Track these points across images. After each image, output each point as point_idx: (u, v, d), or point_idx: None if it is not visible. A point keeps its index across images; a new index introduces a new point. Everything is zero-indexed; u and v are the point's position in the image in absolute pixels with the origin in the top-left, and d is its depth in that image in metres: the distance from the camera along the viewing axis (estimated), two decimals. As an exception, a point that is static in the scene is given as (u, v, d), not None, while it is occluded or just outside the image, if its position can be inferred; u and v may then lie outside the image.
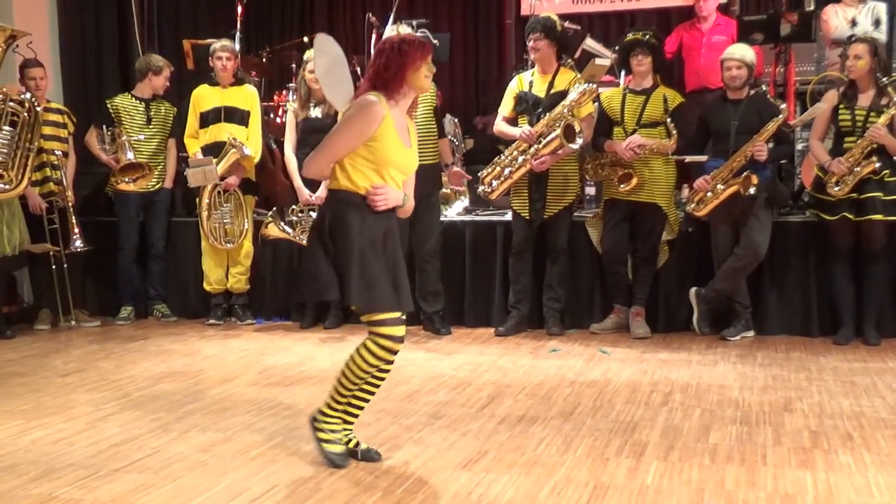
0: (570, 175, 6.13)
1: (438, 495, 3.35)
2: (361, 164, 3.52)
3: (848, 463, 3.61)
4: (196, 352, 5.85)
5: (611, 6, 9.19)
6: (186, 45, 7.89)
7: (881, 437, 3.92)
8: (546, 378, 5.01)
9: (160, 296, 6.98)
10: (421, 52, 3.56)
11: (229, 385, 4.99)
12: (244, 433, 4.10)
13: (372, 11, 8.06)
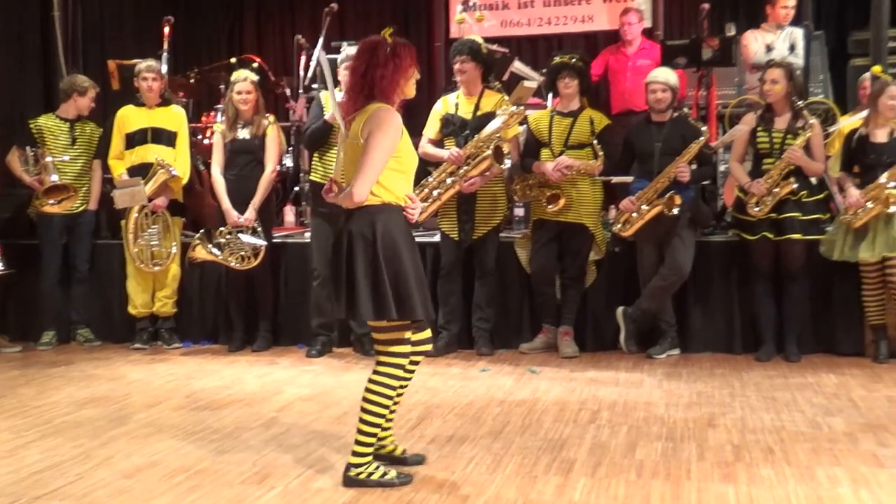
0: (498, 196, 6.19)
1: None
2: (393, 175, 3.58)
3: (769, 476, 3.70)
4: (121, 377, 5.75)
5: (538, 30, 9.34)
6: (112, 65, 7.77)
7: (801, 450, 4.02)
8: (475, 398, 5.04)
9: (83, 320, 6.84)
10: (412, 57, 3.64)
11: (155, 409, 4.93)
12: (170, 458, 4.05)
13: (301, 33, 8.07)
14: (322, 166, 6.12)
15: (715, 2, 8.06)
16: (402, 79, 3.62)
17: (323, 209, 6.12)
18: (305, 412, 4.80)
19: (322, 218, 6.14)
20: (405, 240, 3.62)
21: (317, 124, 6.04)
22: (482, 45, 6.26)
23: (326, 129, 5.99)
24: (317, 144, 6.12)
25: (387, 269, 3.55)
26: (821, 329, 6.07)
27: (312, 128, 6.08)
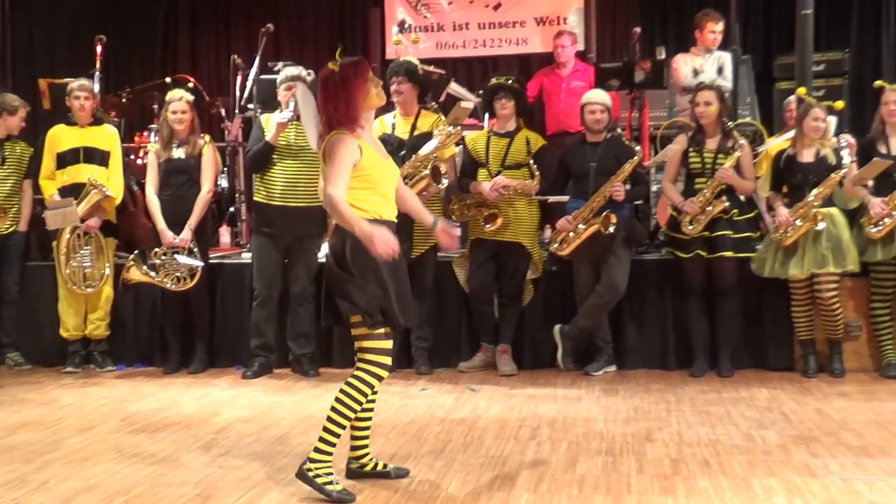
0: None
1: (312, 535, 3.35)
2: (360, 193, 3.72)
3: (706, 487, 3.76)
4: (53, 400, 5.63)
5: (473, 52, 9.48)
6: (42, 83, 7.66)
7: (736, 462, 4.10)
8: (416, 416, 5.05)
9: (13, 343, 6.68)
10: (362, 73, 3.72)
11: (90, 433, 4.83)
12: (108, 482, 3.98)
13: (236, 52, 8.05)
14: (264, 187, 6.10)
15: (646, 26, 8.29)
16: (356, 100, 3.71)
17: (266, 229, 6.11)
18: (245, 433, 4.75)
19: (265, 238, 6.12)
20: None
21: (259, 146, 6.02)
22: (418, 66, 6.31)
23: (269, 150, 5.99)
24: (260, 166, 6.09)
25: (358, 277, 3.69)
26: (752, 345, 6.20)
27: (255, 150, 6.05)
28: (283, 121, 5.91)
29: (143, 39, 10.01)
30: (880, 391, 5.51)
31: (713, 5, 7.60)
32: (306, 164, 6.00)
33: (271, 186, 6.04)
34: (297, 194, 6.04)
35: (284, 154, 6.03)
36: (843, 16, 9.14)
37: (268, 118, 6.13)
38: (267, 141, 5.96)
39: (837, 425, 4.72)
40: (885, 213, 5.74)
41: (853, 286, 6.06)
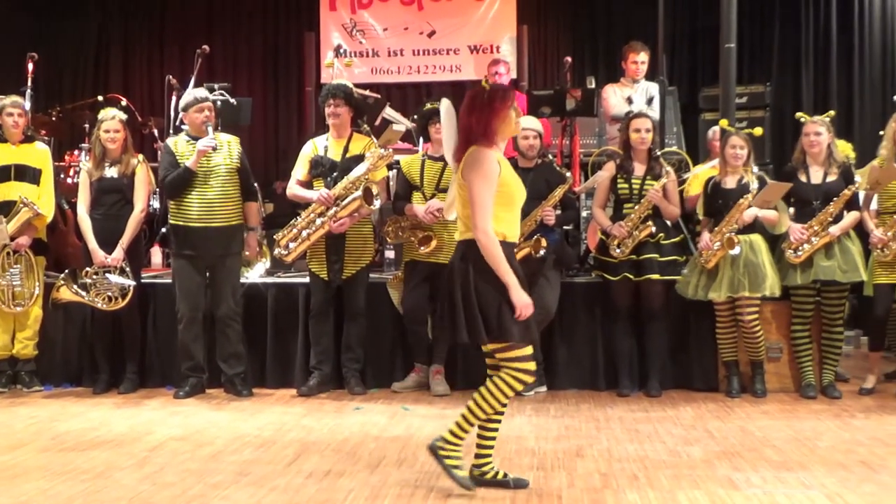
0: (367, 237, 6.28)
1: (249, 548, 3.37)
2: (495, 209, 3.84)
3: (635, 500, 3.86)
4: (-21, 420, 5.55)
5: (407, 78, 9.60)
6: (-29, 100, 7.55)
7: (663, 476, 4.21)
8: (351, 434, 5.08)
9: (-63, 364, 6.57)
10: (506, 100, 3.92)
11: (19, 452, 4.76)
12: (39, 498, 3.94)
13: (170, 73, 8.03)
14: (181, 210, 6.11)
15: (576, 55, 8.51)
16: (496, 121, 3.89)
17: (186, 251, 6.11)
18: (178, 451, 4.73)
19: (185, 260, 6.13)
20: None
21: (179, 173, 6.02)
22: (354, 90, 6.41)
23: (190, 177, 6.02)
24: (180, 192, 6.09)
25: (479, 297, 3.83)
26: (679, 366, 6.34)
27: (174, 176, 6.04)
28: (205, 149, 5.96)
29: (75, 57, 9.92)
30: (800, 410, 5.69)
31: (641, 37, 7.80)
32: (220, 184, 6.07)
33: (188, 209, 6.07)
34: (215, 215, 6.08)
35: (200, 177, 6.06)
36: (765, 51, 9.49)
37: (175, 142, 6.17)
38: (188, 167, 6.00)
39: (759, 442, 4.87)
40: (804, 239, 5.96)
41: (775, 309, 6.25)
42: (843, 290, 6.10)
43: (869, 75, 9.24)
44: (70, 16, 9.88)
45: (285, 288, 6.60)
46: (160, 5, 9.93)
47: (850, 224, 5.98)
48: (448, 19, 9.48)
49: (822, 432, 5.09)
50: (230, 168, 6.16)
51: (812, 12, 9.42)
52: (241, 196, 6.24)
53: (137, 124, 7.95)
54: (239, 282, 6.34)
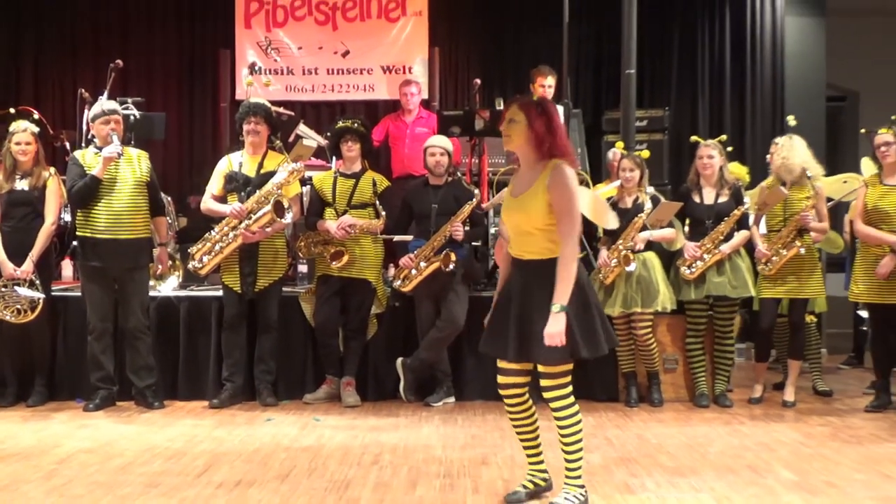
0: (280, 250, 6.27)
1: (158, 557, 3.35)
2: None
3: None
4: None
5: (322, 96, 9.59)
6: None
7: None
8: (262, 445, 5.06)
9: None
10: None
11: (-78, 466, 4.64)
12: (-57, 512, 3.87)
13: (83, 86, 7.88)
14: (88, 222, 6.02)
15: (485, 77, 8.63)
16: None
17: (94, 263, 6.02)
18: (87, 463, 4.66)
19: (93, 271, 6.04)
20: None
21: (85, 181, 5.93)
22: (271, 108, 6.42)
23: (95, 185, 5.94)
24: (87, 201, 5.99)
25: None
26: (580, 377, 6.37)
27: (80, 185, 5.94)
28: (111, 155, 5.89)
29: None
30: (694, 418, 5.86)
31: (548, 61, 7.96)
32: (128, 196, 6.01)
33: (95, 221, 5.99)
34: (123, 227, 6.01)
35: (107, 188, 5.98)
36: (664, 78, 9.74)
37: (83, 154, 6.11)
38: (93, 175, 5.91)
39: (654, 448, 5.01)
40: (697, 257, 6.16)
41: (671, 323, 6.43)
42: (733, 304, 6.31)
43: (760, 102, 9.56)
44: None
45: (198, 301, 6.54)
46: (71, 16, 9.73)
47: (739, 242, 6.20)
48: (362, 40, 9.51)
49: (713, 439, 5.26)
50: (139, 181, 6.09)
51: (707, 42, 9.71)
52: (149, 210, 6.17)
53: (49, 137, 7.76)
54: (148, 295, 6.27)
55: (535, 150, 3.82)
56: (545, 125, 3.78)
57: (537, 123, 3.78)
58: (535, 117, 3.79)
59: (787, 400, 6.26)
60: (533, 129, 3.78)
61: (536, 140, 3.79)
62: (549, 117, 3.81)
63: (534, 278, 3.83)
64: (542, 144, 3.78)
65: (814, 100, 9.51)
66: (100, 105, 6.20)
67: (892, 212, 5.96)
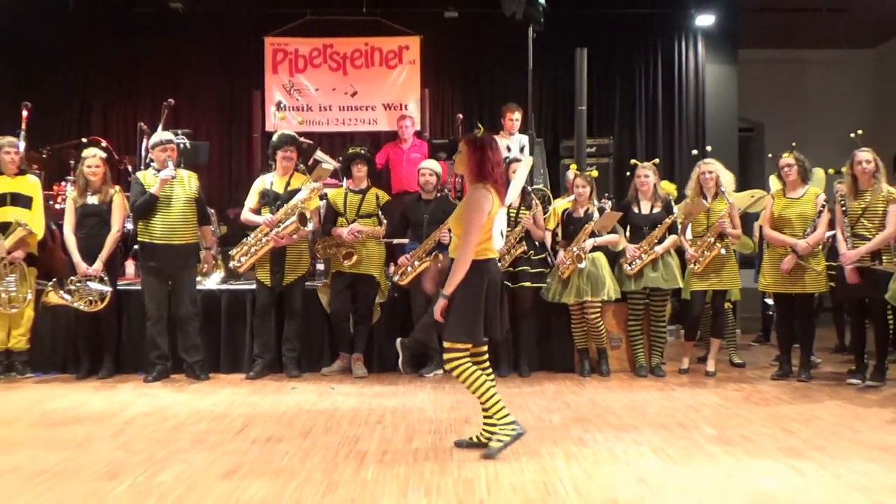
0: (303, 252, 6.25)
1: (204, 499, 3.32)
2: None
3: (508, 455, 3.93)
4: (-22, 402, 5.32)
5: (334, 128, 9.57)
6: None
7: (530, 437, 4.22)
8: (288, 408, 5.05)
9: (-58, 355, 6.25)
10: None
11: (13, 426, 4.59)
12: (29, 464, 3.81)
13: (142, 120, 7.85)
14: (147, 230, 5.99)
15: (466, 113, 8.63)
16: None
17: (152, 263, 6.00)
18: (146, 424, 4.64)
19: (151, 270, 6.01)
20: None
21: (145, 198, 5.92)
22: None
23: (154, 201, 5.92)
24: (146, 214, 5.96)
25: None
26: (543, 353, 6.46)
27: (142, 201, 5.93)
28: (167, 178, 5.87)
29: (63, 106, 9.57)
30: (635, 385, 5.88)
31: (515, 99, 7.95)
32: (180, 209, 5.99)
33: (153, 229, 5.96)
34: (176, 234, 5.98)
35: (164, 203, 5.96)
36: (609, 112, 9.74)
37: (144, 175, 6.08)
38: (152, 193, 5.90)
39: (603, 410, 5.02)
40: (636, 256, 6.18)
41: (616, 309, 6.44)
42: (665, 294, 6.33)
43: (685, 132, 9.58)
44: (58, 70, 9.55)
45: (236, 293, 6.51)
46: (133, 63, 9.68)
47: (670, 245, 6.21)
48: (367, 83, 9.50)
49: (650, 402, 5.27)
50: (189, 197, 6.07)
51: (643, 84, 9.72)
52: (197, 220, 6.14)
53: (115, 161, 7.73)
54: (195, 288, 6.23)
55: (470, 174, 3.96)
56: (478, 157, 3.90)
57: (474, 155, 3.92)
58: (472, 150, 3.93)
59: (709, 370, 6.28)
60: (471, 159, 3.92)
61: (471, 167, 3.92)
62: (482, 151, 3.94)
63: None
64: (474, 171, 3.92)
65: (728, 130, 9.56)
66: (158, 136, 6.18)
67: (793, 219, 5.99)
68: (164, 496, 3.34)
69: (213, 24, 9.51)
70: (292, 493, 3.37)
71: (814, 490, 3.43)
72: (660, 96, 9.66)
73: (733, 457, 3.93)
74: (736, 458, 3.90)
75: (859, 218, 5.66)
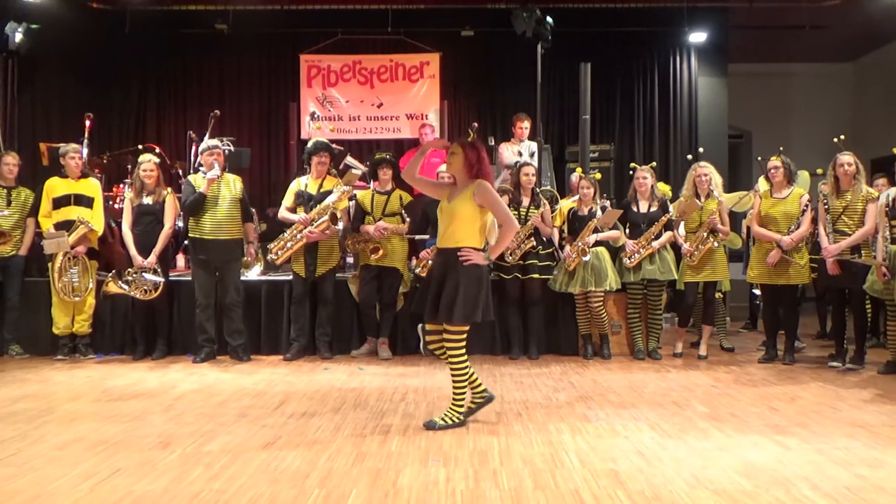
0: (334, 247, 6.23)
1: (247, 467, 3.33)
2: None
3: (519, 430, 3.94)
4: (47, 379, 5.35)
5: (363, 136, 9.58)
6: (42, 146, 7.32)
7: (539, 413, 4.30)
8: (321, 387, 5.05)
9: (14, 339, 6.30)
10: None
11: (77, 402, 4.63)
12: (92, 435, 3.85)
13: (191, 129, 7.89)
14: (197, 226, 6.00)
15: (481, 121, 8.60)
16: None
17: (201, 256, 6.01)
18: (195, 400, 4.66)
19: (200, 262, 6.02)
20: None
21: (195, 196, 5.92)
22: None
23: (202, 199, 5.93)
24: (196, 211, 5.98)
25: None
26: (551, 338, 6.42)
27: (192, 199, 5.94)
28: (214, 177, 5.89)
29: (121, 116, 9.65)
30: (633, 368, 5.83)
31: (525, 109, 7.92)
32: (226, 208, 5.99)
33: (202, 226, 5.97)
34: (222, 230, 5.99)
35: (211, 202, 5.97)
36: (610, 120, 9.68)
37: (194, 178, 6.08)
38: (201, 192, 5.91)
39: (605, 389, 4.98)
40: (635, 250, 6.12)
41: (616, 298, 6.38)
42: (661, 285, 6.27)
43: (679, 138, 9.50)
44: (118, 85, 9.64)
45: (275, 283, 6.51)
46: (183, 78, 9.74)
47: (666, 240, 6.15)
48: (392, 95, 9.50)
49: (648, 382, 5.23)
50: (234, 198, 6.08)
51: (641, 95, 9.66)
52: (241, 218, 6.16)
53: (167, 166, 7.75)
54: (239, 279, 6.24)
55: (466, 173, 3.97)
56: (473, 158, 3.94)
57: (470, 156, 3.95)
58: (468, 152, 3.96)
59: (701, 354, 6.21)
60: (467, 160, 3.95)
61: (467, 167, 3.95)
62: (477, 153, 3.99)
63: (448, 262, 3.91)
64: (472, 169, 3.94)
65: (718, 136, 9.47)
66: (206, 143, 6.20)
67: (778, 218, 5.91)
68: (210, 464, 3.35)
69: (254, 44, 9.55)
70: (324, 463, 3.36)
71: (798, 462, 3.38)
72: (656, 106, 9.58)
73: (723, 432, 3.88)
74: (726, 434, 3.85)
75: (840, 215, 5.58)
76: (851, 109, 10.93)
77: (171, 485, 3.08)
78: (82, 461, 3.40)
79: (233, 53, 9.58)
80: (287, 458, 3.42)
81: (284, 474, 3.21)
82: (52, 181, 6.25)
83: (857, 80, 11.14)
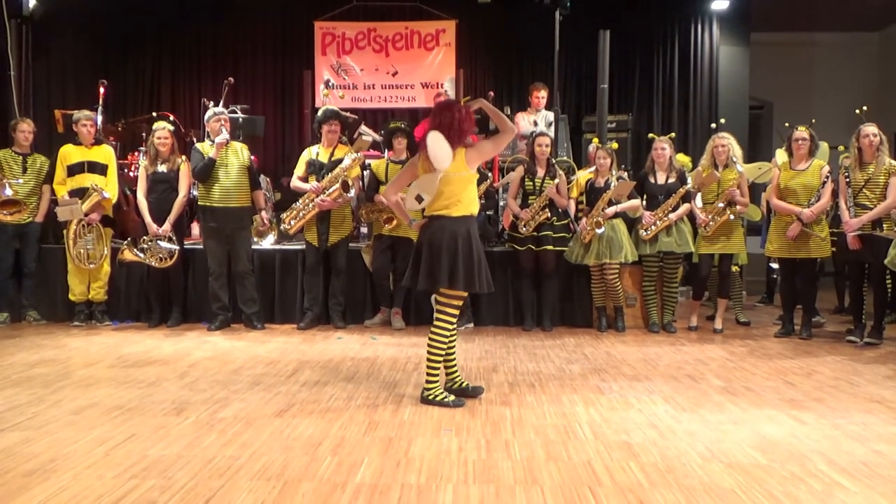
0: (346, 215, 6.21)
1: (260, 434, 3.34)
2: None
3: (532, 401, 3.92)
4: (64, 345, 5.41)
5: (377, 105, 9.49)
6: (57, 113, 7.30)
7: (552, 385, 4.29)
8: (334, 356, 5.06)
9: (32, 305, 6.37)
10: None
11: (93, 368, 4.67)
12: (107, 400, 3.88)
13: (206, 97, 7.84)
14: (207, 194, 5.99)
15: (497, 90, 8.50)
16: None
17: (212, 224, 6.02)
18: (209, 368, 4.69)
19: (210, 231, 6.02)
20: None
21: (205, 162, 5.91)
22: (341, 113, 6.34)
23: (212, 164, 5.93)
24: (206, 177, 5.96)
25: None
26: (565, 309, 6.40)
27: (202, 165, 5.92)
28: (223, 142, 5.87)
29: (135, 83, 9.64)
30: (647, 341, 5.80)
31: (542, 78, 7.82)
32: (235, 176, 5.97)
33: (212, 194, 5.97)
34: (231, 198, 5.98)
35: (220, 170, 5.95)
36: (628, 90, 9.54)
37: (202, 146, 6.05)
38: (210, 157, 5.89)
39: (619, 362, 4.96)
40: (652, 222, 6.05)
41: (632, 271, 6.33)
42: (678, 258, 6.20)
43: (699, 109, 9.35)
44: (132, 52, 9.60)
45: (288, 253, 6.51)
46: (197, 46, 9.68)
47: (683, 212, 6.06)
48: (407, 63, 9.39)
49: (662, 355, 5.20)
50: (242, 165, 6.05)
51: (661, 64, 9.50)
52: (250, 186, 6.13)
53: (181, 134, 7.73)
54: (251, 247, 6.25)
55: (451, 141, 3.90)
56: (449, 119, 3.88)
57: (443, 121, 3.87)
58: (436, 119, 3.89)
59: (717, 327, 6.16)
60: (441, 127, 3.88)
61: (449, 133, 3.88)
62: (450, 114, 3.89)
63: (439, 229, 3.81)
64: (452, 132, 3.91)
65: (739, 107, 9.31)
66: (211, 110, 6.19)
67: (798, 190, 5.80)
68: (224, 431, 3.37)
69: (268, 11, 9.46)
70: (337, 431, 3.37)
71: (814, 437, 3.34)
72: (676, 75, 9.42)
73: (738, 406, 3.85)
74: (741, 408, 3.82)
75: (862, 188, 5.47)
76: (876, 81, 10.68)
77: (184, 450, 3.10)
78: (97, 426, 3.42)
79: (247, 21, 9.50)
80: (300, 426, 3.43)
81: (297, 441, 3.22)
82: (67, 148, 6.25)
83: (883, 50, 10.86)
